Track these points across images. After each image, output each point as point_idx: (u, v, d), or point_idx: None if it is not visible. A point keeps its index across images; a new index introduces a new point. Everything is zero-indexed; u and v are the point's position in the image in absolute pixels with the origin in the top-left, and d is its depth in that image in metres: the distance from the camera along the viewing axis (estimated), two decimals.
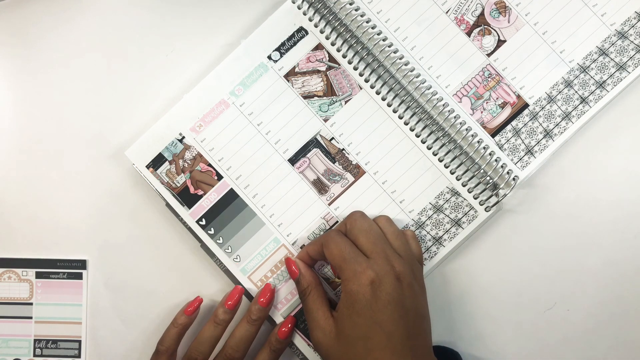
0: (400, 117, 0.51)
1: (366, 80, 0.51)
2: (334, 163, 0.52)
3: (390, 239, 0.48)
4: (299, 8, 0.51)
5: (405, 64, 0.51)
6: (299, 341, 0.51)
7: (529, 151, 0.51)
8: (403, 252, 0.47)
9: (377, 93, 0.51)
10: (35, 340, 0.53)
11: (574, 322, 0.51)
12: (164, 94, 0.53)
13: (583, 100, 0.51)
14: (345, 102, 0.52)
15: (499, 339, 0.52)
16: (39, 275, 0.53)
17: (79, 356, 0.53)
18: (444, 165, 0.51)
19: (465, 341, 0.52)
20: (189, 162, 0.52)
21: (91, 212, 0.53)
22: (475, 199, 0.50)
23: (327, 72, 0.52)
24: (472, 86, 0.51)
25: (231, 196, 0.52)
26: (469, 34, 0.52)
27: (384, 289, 0.45)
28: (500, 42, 0.51)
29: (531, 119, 0.51)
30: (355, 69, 0.51)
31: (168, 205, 0.52)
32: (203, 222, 0.51)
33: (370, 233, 0.47)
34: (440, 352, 0.50)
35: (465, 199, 0.51)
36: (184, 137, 0.52)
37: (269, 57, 0.52)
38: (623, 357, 0.51)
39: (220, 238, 0.51)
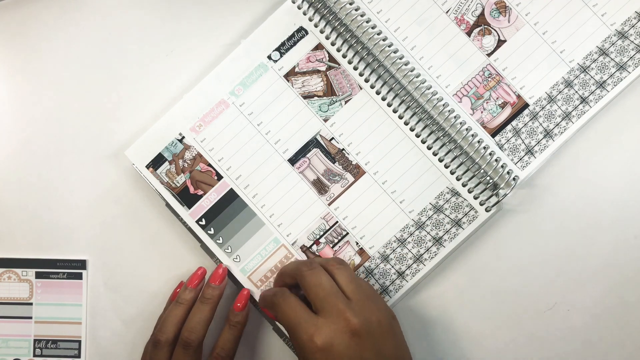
0: (400, 117, 0.51)
1: (366, 80, 0.51)
2: (334, 163, 0.52)
3: (343, 283, 0.46)
4: (299, 8, 0.51)
5: (405, 64, 0.51)
6: None
7: (529, 151, 0.51)
8: (357, 294, 0.45)
9: (377, 93, 0.51)
10: (35, 340, 0.53)
11: (574, 322, 0.51)
12: (164, 94, 0.53)
13: (583, 100, 0.51)
14: (345, 102, 0.51)
15: (499, 339, 0.52)
16: (39, 275, 0.53)
17: (78, 356, 0.53)
18: (444, 165, 0.51)
19: (465, 341, 0.52)
20: (188, 162, 0.52)
21: (91, 212, 0.53)
22: (476, 199, 0.50)
23: (327, 72, 0.52)
24: (472, 86, 0.51)
25: (231, 196, 0.52)
26: (469, 33, 0.52)
27: (336, 352, 0.43)
28: (500, 42, 0.51)
29: (531, 119, 0.51)
30: (355, 69, 0.51)
31: (168, 205, 0.52)
32: (203, 222, 0.51)
33: (320, 287, 0.45)
34: None
35: (465, 199, 0.51)
36: (183, 137, 0.52)
37: (269, 57, 0.52)
38: (623, 357, 0.51)
39: (220, 238, 0.51)
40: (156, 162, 0.52)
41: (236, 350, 0.50)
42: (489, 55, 0.52)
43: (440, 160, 0.51)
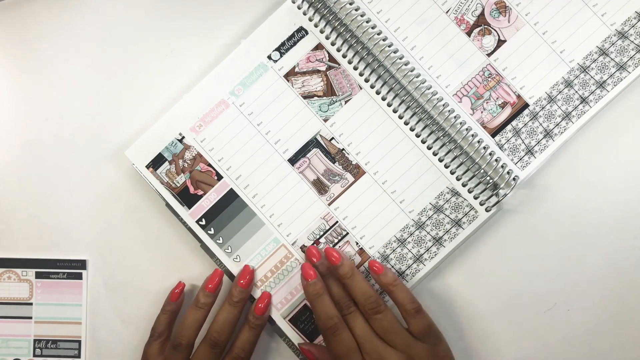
0: (400, 117, 0.51)
1: (366, 80, 0.51)
2: (334, 163, 0.52)
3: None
4: (299, 8, 0.51)
5: (405, 64, 0.51)
6: (299, 341, 0.51)
7: (529, 151, 0.51)
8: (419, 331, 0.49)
9: (377, 93, 0.51)
10: (35, 340, 0.53)
11: (574, 322, 0.51)
12: (164, 94, 0.53)
13: (583, 100, 0.51)
14: (345, 102, 0.51)
15: (499, 339, 0.52)
16: (38, 275, 0.53)
17: (78, 356, 0.53)
18: (444, 165, 0.51)
19: (465, 341, 0.52)
20: (188, 162, 0.52)
21: (91, 212, 0.53)
22: (476, 199, 0.50)
23: (327, 72, 0.52)
24: (472, 86, 0.51)
25: (231, 196, 0.51)
26: (469, 33, 0.52)
27: None
28: (500, 42, 0.51)
29: (531, 119, 0.51)
30: (355, 69, 0.51)
31: (168, 205, 0.52)
32: (203, 222, 0.51)
33: (390, 330, 0.48)
34: None
35: (465, 199, 0.51)
36: (183, 137, 0.52)
37: (269, 57, 0.52)
38: (623, 357, 0.51)
39: (220, 238, 0.51)
40: (156, 162, 0.52)
41: (253, 351, 0.50)
42: (489, 55, 0.52)
43: (440, 160, 0.51)
